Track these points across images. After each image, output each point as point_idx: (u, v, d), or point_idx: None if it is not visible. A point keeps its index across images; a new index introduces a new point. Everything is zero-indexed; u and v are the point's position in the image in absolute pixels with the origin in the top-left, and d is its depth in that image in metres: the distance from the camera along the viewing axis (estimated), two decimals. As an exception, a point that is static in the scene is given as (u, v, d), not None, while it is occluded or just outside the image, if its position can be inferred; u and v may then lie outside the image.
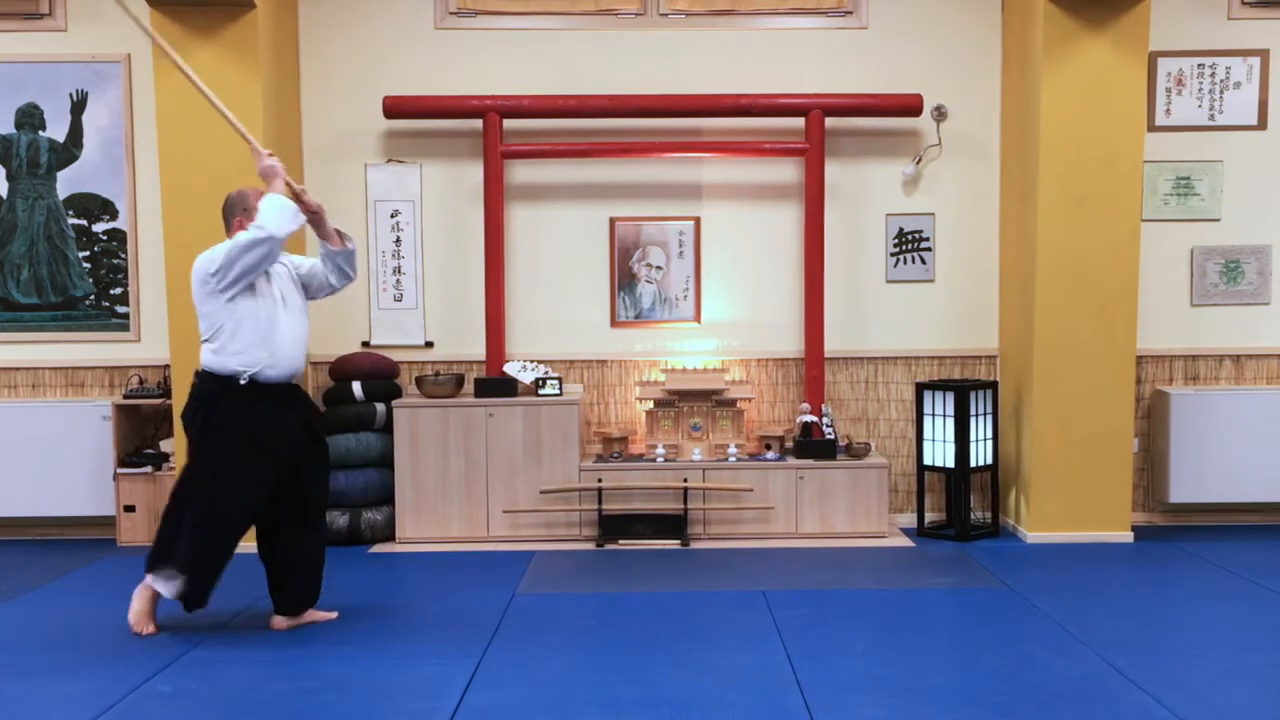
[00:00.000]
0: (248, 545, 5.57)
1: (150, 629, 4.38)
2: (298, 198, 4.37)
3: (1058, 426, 5.78)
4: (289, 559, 4.45)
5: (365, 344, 6.30)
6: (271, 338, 4.28)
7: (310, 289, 4.57)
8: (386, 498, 5.98)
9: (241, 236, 4.20)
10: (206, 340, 4.28)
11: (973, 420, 5.89)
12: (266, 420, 4.28)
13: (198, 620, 4.50)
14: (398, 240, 6.28)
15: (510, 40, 6.24)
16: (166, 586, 4.33)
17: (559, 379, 6.00)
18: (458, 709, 3.55)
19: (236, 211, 4.36)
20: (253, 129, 5.59)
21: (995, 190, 6.31)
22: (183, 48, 5.56)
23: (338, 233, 4.56)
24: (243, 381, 4.24)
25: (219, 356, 4.24)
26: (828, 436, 6.04)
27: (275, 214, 4.21)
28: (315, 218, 4.47)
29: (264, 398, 4.29)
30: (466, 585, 5.10)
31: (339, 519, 5.84)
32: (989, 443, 6.01)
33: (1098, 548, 5.67)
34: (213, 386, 4.27)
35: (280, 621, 4.47)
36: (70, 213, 6.18)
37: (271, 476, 4.30)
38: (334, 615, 4.58)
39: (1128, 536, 5.81)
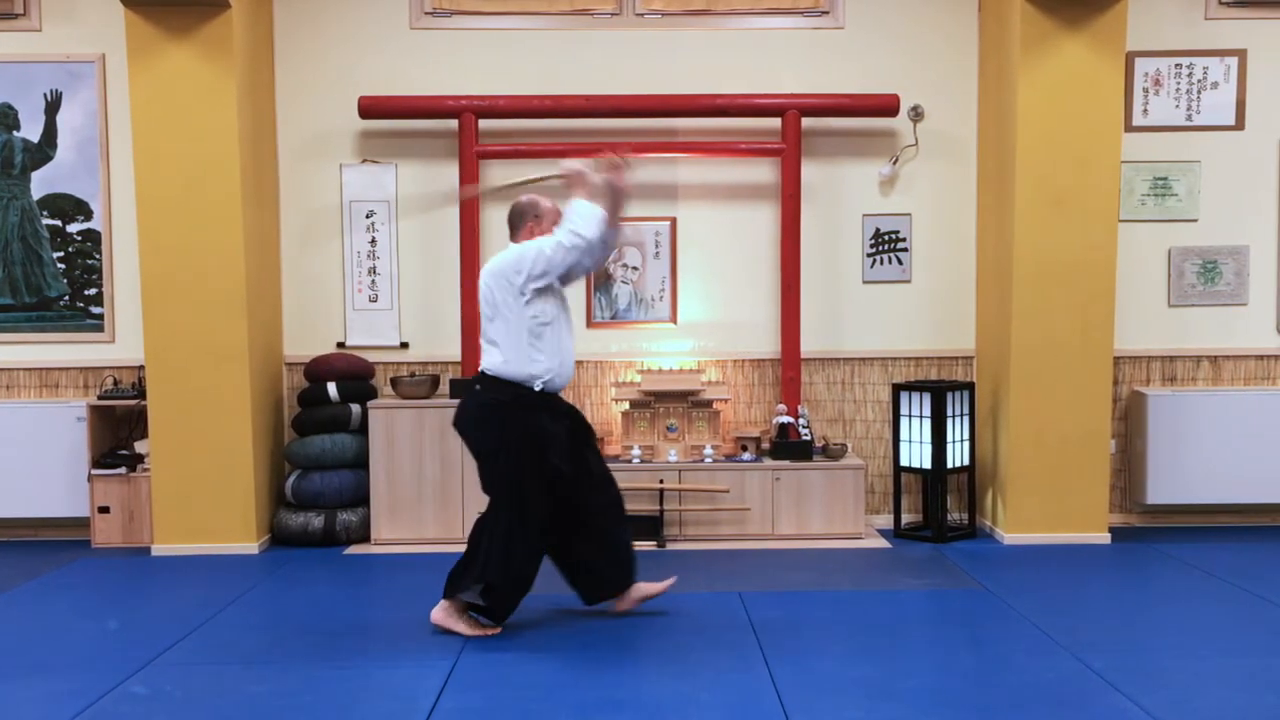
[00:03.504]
0: (229, 545, 5.68)
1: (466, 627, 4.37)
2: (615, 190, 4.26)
3: (1035, 428, 5.76)
4: (586, 548, 4.45)
5: (340, 345, 6.28)
6: (561, 346, 4.27)
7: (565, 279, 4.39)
8: (362, 499, 5.96)
9: (560, 239, 4.16)
10: (494, 344, 4.23)
11: (949, 421, 5.87)
12: (550, 429, 4.24)
13: (178, 622, 4.50)
14: (373, 241, 6.25)
15: (486, 40, 6.23)
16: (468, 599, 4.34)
17: (535, 380, 5.98)
18: (432, 711, 3.54)
19: (527, 218, 4.34)
20: (228, 128, 5.61)
21: (972, 191, 6.30)
22: (157, 48, 5.56)
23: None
24: (536, 388, 4.20)
25: (514, 363, 4.20)
26: (804, 438, 6.03)
27: (588, 219, 4.17)
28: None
29: (547, 408, 4.26)
30: (442, 587, 5.06)
31: (314, 520, 5.83)
32: (966, 444, 6.00)
33: (1075, 549, 5.66)
34: (503, 394, 4.21)
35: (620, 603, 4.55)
36: (45, 213, 6.16)
37: (553, 483, 4.28)
38: (667, 583, 4.59)
39: (1105, 538, 5.80)
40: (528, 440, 4.20)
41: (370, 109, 6.03)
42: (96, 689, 3.77)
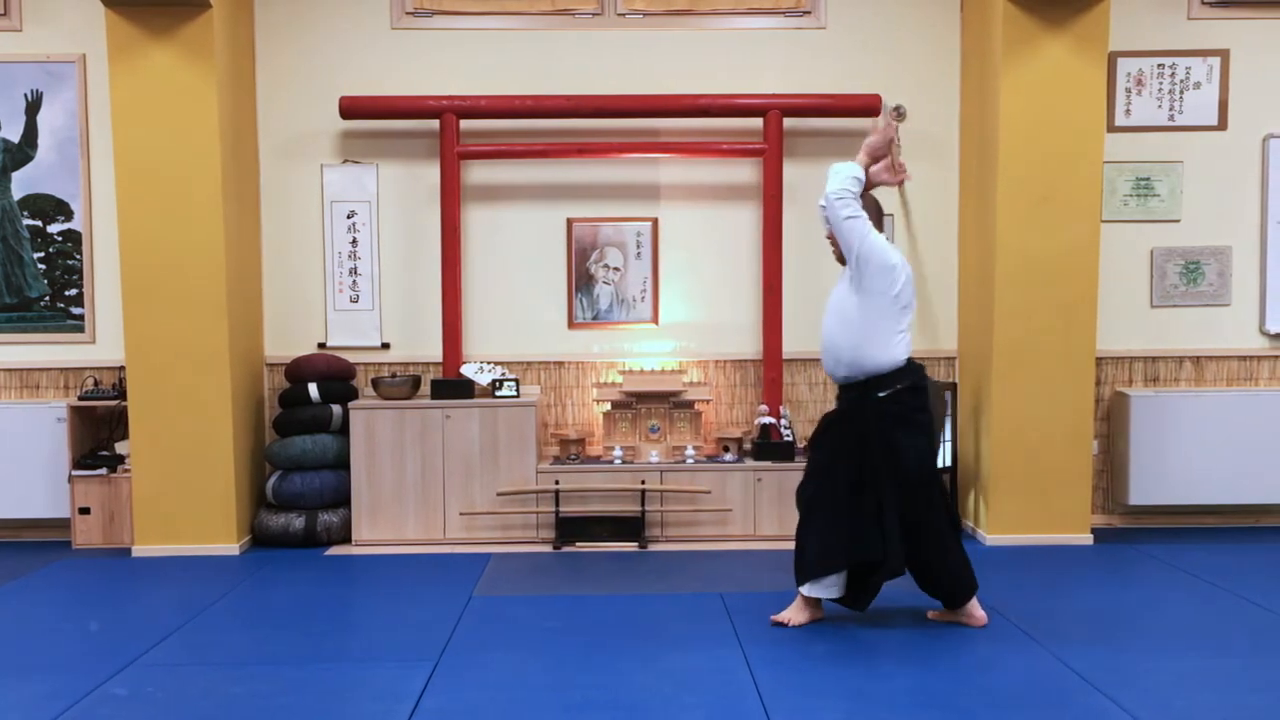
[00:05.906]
0: (210, 546, 5.66)
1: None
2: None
3: (1017, 428, 5.76)
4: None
5: (321, 345, 6.26)
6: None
7: None
8: (343, 499, 5.95)
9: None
10: None
11: (931, 422, 5.87)
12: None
13: (159, 624, 4.50)
14: (354, 241, 6.24)
15: (467, 40, 6.22)
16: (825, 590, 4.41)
17: (516, 380, 5.97)
18: (414, 712, 3.54)
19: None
20: (209, 129, 5.61)
21: (954, 191, 6.30)
22: (138, 48, 5.55)
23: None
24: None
25: None
26: (786, 438, 6.02)
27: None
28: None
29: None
30: (423, 587, 5.08)
31: (295, 521, 5.82)
32: (948, 445, 5.99)
33: (1057, 550, 5.66)
34: None
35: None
36: (25, 214, 6.14)
37: (845, 476, 4.33)
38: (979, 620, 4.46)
39: (1087, 539, 5.80)
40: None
41: (351, 109, 6.02)
42: (77, 690, 3.76)
